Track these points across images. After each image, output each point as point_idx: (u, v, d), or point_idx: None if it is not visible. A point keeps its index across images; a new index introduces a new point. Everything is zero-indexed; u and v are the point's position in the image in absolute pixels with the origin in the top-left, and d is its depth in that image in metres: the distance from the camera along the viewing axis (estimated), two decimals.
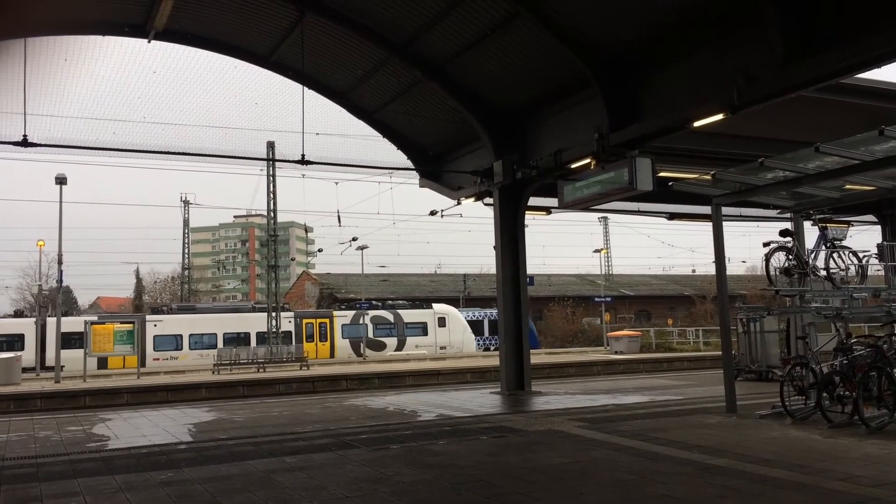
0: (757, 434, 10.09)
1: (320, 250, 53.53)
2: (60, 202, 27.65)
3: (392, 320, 43.26)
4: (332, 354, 40.99)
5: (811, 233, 13.35)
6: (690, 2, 12.14)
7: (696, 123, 12.46)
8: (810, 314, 11.91)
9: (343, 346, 41.67)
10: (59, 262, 28.70)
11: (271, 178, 37.62)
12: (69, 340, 31.66)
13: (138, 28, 16.09)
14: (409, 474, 7.96)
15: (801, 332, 12.38)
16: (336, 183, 27.59)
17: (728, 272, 13.26)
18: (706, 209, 13.76)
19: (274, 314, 37.76)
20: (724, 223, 12.97)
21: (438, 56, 16.64)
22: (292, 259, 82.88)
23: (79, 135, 15.68)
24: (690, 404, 13.89)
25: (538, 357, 30.02)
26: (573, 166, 15.17)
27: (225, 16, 16.68)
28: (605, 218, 70.20)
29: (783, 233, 12.54)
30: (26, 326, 35.37)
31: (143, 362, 33.60)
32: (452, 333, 43.21)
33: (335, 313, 43.22)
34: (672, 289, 70.23)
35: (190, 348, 37.97)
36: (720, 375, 13.15)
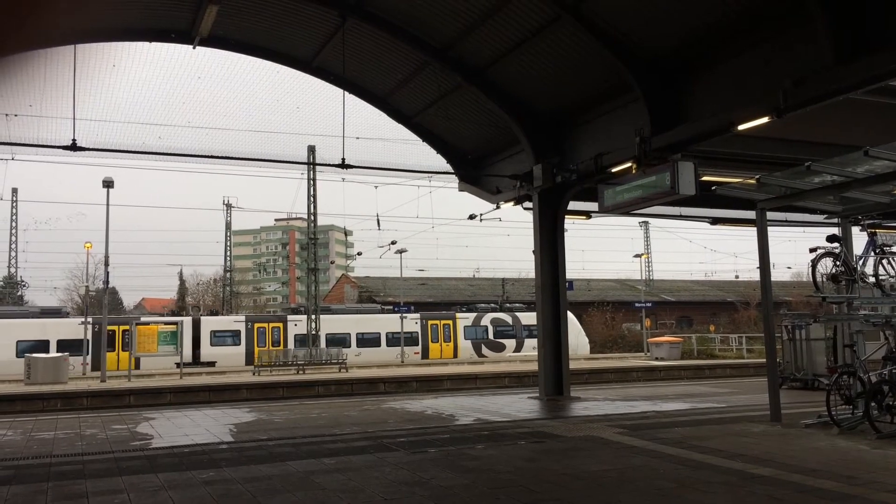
0: (802, 444, 9.86)
1: (359, 253, 53.87)
2: (107, 205, 28.33)
3: (511, 322, 44.23)
4: (454, 355, 42.16)
5: (859, 238, 13.01)
6: (735, 3, 11.96)
7: (741, 127, 12.24)
8: (858, 322, 11.60)
9: (465, 346, 42.76)
10: (106, 264, 29.35)
11: (312, 182, 37.97)
12: (223, 338, 35.84)
13: (184, 34, 16.40)
14: (446, 478, 7.95)
15: (848, 340, 12.07)
16: (375, 187, 27.69)
17: (773, 278, 13.00)
18: (750, 214, 13.51)
19: (313, 315, 38.15)
20: (769, 228, 12.72)
21: (478, 60, 16.64)
22: (332, 262, 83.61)
23: (126, 139, 16.04)
24: (733, 412, 13.65)
25: (577, 362, 29.79)
26: (614, 170, 15.03)
27: (268, 22, 16.91)
28: (646, 222, 69.46)
29: (830, 238, 12.24)
30: (184, 325, 37.38)
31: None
32: (570, 335, 43.30)
33: (458, 315, 44.27)
34: (714, 294, 69.14)
35: (327, 346, 39.27)
36: (764, 383, 12.90)
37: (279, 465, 8.83)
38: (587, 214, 20.06)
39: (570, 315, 45.27)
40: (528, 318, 44.02)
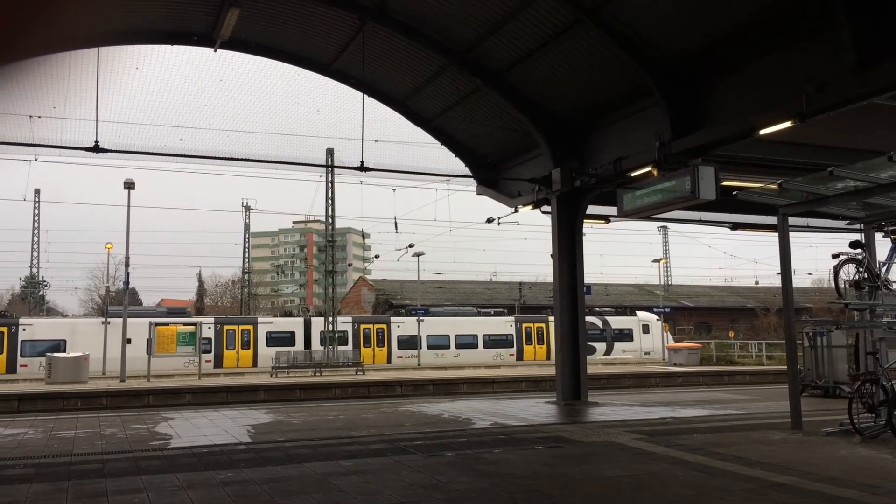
0: (823, 452, 9.74)
1: (377, 256, 54.00)
2: (128, 206, 28.59)
3: (601, 326, 44.64)
4: (548, 357, 42.43)
5: (883, 245, 12.85)
6: (757, 8, 11.87)
7: (763, 132, 12.16)
8: (881, 329, 11.47)
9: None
10: (126, 265, 29.61)
11: (330, 185, 38.13)
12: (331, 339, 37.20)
13: (206, 37, 16.53)
14: (463, 482, 7.93)
15: (871, 348, 11.92)
16: (393, 190, 27.78)
17: (794, 284, 12.87)
18: (771, 219, 13.41)
19: (330, 318, 38.33)
20: (791, 234, 12.60)
21: (498, 64, 16.64)
22: (349, 265, 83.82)
23: (147, 141, 16.20)
24: (753, 419, 13.52)
25: (594, 367, 29.66)
26: (633, 174, 14.97)
27: (288, 25, 17.01)
28: (665, 227, 69.10)
29: (854, 244, 12.09)
30: (297, 325, 39.70)
31: (389, 359, 39.25)
32: (655, 340, 44.27)
33: (550, 319, 44.41)
34: (734, 300, 68.57)
35: (427, 348, 40.46)
36: (784, 390, 12.78)
37: (296, 467, 8.86)
38: (606, 219, 19.99)
39: (652, 317, 46.48)
40: (617, 322, 45.37)
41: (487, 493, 7.43)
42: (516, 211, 19.78)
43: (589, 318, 44.59)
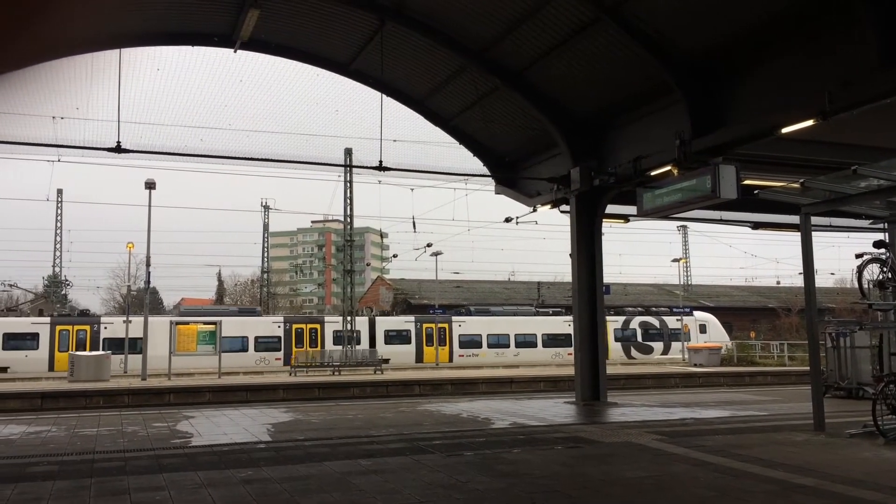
0: (847, 454, 9.63)
1: (395, 256, 54.18)
2: (149, 206, 28.82)
3: (658, 326, 45.50)
4: (606, 356, 42.57)
5: None
6: (779, 5, 11.75)
7: (785, 130, 12.03)
8: None
9: (615, 348, 43.72)
10: (147, 264, 29.84)
11: (348, 184, 38.24)
12: (395, 337, 39.17)
13: (226, 38, 16.63)
14: (483, 482, 7.92)
15: (895, 349, 11.78)
16: (412, 189, 27.80)
17: (816, 284, 12.73)
18: (793, 218, 13.28)
19: (350, 317, 38.49)
20: (813, 233, 12.46)
21: (516, 63, 16.60)
22: (367, 264, 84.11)
23: (168, 141, 16.32)
24: (775, 421, 13.39)
25: (613, 367, 29.55)
26: (653, 173, 14.87)
27: (307, 25, 17.07)
28: (685, 227, 68.59)
29: (878, 244, 11.95)
30: (362, 324, 40.49)
31: (451, 358, 40.27)
32: (712, 339, 44.36)
33: (607, 318, 44.90)
34: (755, 300, 67.95)
35: (488, 347, 41.28)
36: (806, 391, 12.65)
37: (316, 466, 8.89)
38: (625, 218, 19.87)
39: (710, 317, 46.66)
40: (674, 321, 45.99)
41: (506, 493, 7.42)
42: (535, 210, 19.71)
43: (646, 318, 45.61)
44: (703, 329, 46.11)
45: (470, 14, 15.53)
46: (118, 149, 14.55)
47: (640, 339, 45.03)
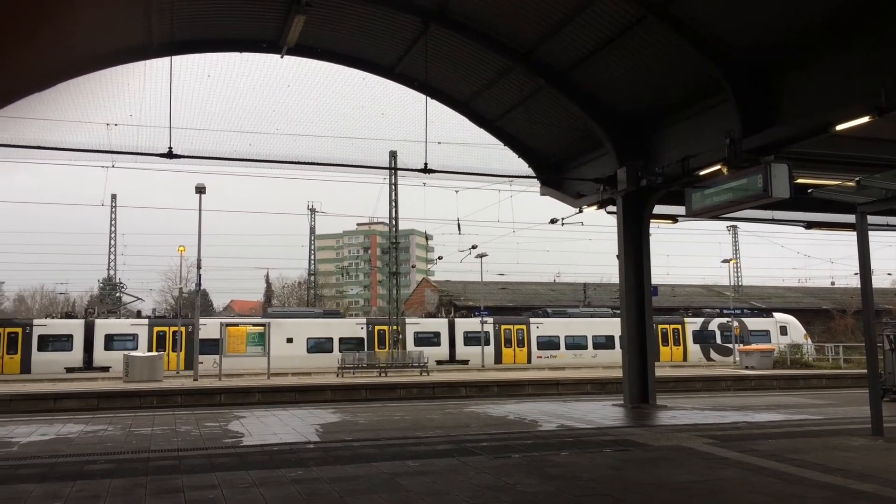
0: None
1: (440, 258, 54.15)
2: (200, 210, 29.40)
3: (737, 327, 45.15)
4: (684, 358, 43.77)
5: None
6: (832, 1, 11.47)
7: (839, 127, 11.73)
8: None
9: (694, 350, 44.34)
10: (198, 267, 30.45)
11: (393, 187, 38.49)
12: (474, 339, 40.01)
13: (273, 44, 16.87)
14: (530, 484, 7.89)
15: None
16: (456, 191, 27.77)
17: (873, 285, 12.37)
18: (848, 218, 12.94)
19: (392, 319, 38.76)
20: (870, 233, 12.11)
21: (561, 63, 16.50)
22: (413, 266, 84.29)
23: (218, 146, 16.60)
24: (831, 425, 13.06)
25: (662, 370, 29.15)
26: (702, 173, 14.62)
27: (352, 30, 17.22)
28: (735, 227, 67.34)
29: None
30: (441, 325, 42.23)
31: (529, 359, 41.09)
32: (794, 342, 44.20)
33: (686, 320, 45.84)
34: (808, 302, 66.25)
35: (566, 348, 41.92)
36: (863, 395, 12.32)
37: (364, 466, 8.96)
38: (673, 218, 19.58)
39: (791, 318, 46.27)
40: (754, 323, 45.93)
41: (555, 496, 7.37)
42: (581, 211, 19.55)
43: (724, 320, 45.24)
44: (783, 331, 45.54)
45: (513, 15, 15.49)
46: (170, 154, 14.89)
47: (719, 340, 44.66)
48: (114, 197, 64.06)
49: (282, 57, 17.09)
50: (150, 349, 35.50)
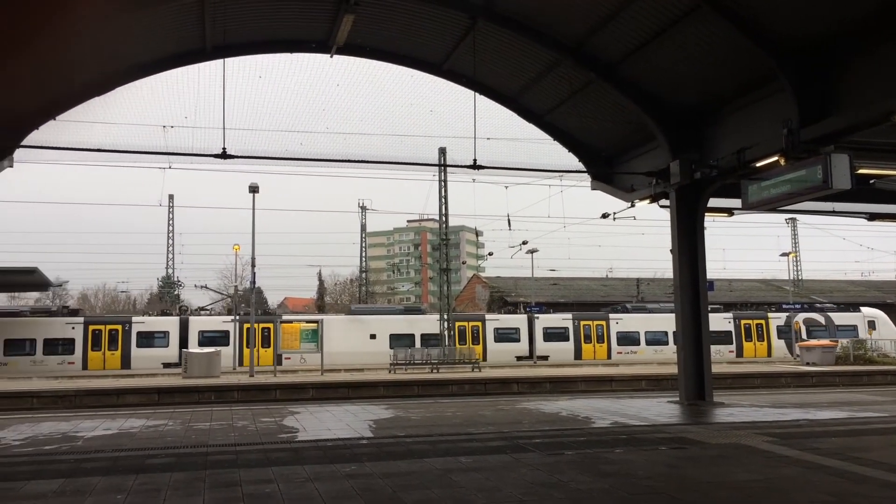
0: None
1: (490, 254, 54.16)
2: (253, 209, 29.96)
3: (823, 323, 45.01)
4: (768, 354, 43.54)
5: None
6: None
7: None
8: None
9: (779, 346, 44.10)
10: (253, 265, 31.03)
11: (443, 184, 38.52)
12: (554, 335, 40.65)
13: (322, 44, 17.06)
14: (584, 481, 7.82)
15: None
16: (506, 187, 27.67)
17: None
18: None
19: (443, 316, 38.79)
20: None
21: (611, 56, 16.28)
22: (463, 262, 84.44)
23: (270, 146, 16.88)
24: None
25: (719, 366, 28.58)
26: (758, 165, 14.27)
27: (400, 27, 17.29)
28: (794, 219, 65.61)
29: None
30: (521, 322, 42.17)
31: (609, 355, 41.15)
32: (883, 337, 43.50)
33: (770, 315, 45.59)
34: (872, 296, 64.12)
35: (646, 344, 42.14)
36: None
37: (417, 462, 9.01)
38: (729, 212, 19.15)
39: (879, 313, 45.51)
40: (840, 318, 45.06)
41: (609, 493, 7.30)
42: (633, 205, 19.29)
43: (811, 315, 44.75)
44: (871, 325, 44.32)
45: (562, 9, 15.34)
46: (224, 155, 15.19)
47: (804, 336, 43.64)
48: (171, 197, 65.72)
49: (331, 56, 17.26)
50: (240, 346, 36.40)
